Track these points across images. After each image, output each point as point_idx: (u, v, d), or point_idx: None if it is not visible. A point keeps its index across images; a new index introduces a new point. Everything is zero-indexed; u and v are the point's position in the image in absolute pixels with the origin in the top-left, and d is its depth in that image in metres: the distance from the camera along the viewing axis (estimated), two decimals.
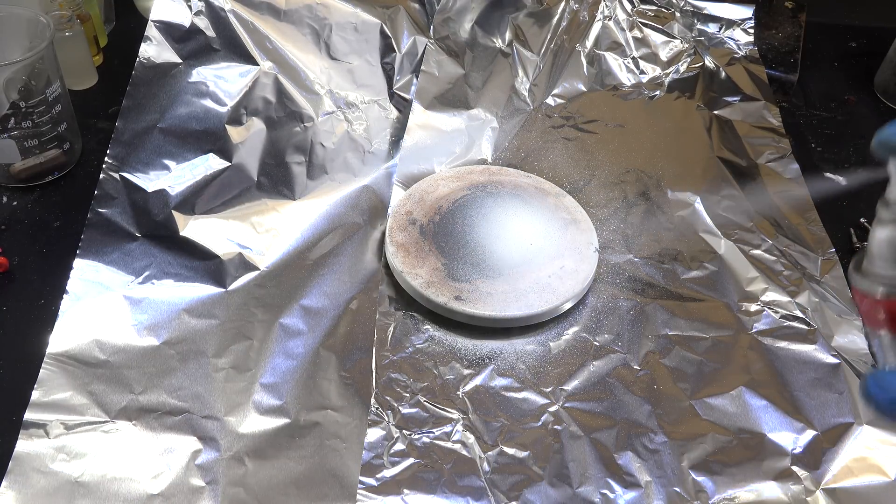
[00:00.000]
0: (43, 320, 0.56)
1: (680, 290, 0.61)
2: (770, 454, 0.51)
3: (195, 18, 0.72)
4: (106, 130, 0.68)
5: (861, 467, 0.51)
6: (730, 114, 0.76)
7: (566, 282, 0.59)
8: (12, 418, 0.50)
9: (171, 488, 0.48)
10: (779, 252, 0.64)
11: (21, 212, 0.64)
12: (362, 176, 0.68)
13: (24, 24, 0.63)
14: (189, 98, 0.69)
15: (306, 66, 0.73)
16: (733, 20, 0.83)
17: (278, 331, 0.56)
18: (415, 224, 0.63)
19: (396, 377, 0.54)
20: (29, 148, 0.64)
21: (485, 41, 0.78)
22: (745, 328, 0.59)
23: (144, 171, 0.64)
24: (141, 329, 0.55)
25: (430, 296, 0.57)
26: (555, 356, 0.57)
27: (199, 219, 0.63)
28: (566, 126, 0.75)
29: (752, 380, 0.55)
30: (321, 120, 0.71)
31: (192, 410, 0.51)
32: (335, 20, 0.75)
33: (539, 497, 0.49)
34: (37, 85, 0.62)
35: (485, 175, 0.68)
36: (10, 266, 0.60)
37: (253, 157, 0.68)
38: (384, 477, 0.49)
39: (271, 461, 0.50)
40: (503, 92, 0.76)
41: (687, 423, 0.53)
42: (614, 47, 0.81)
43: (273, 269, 0.60)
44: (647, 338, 0.58)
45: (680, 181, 0.70)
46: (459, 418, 0.52)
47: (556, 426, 0.52)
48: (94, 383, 0.52)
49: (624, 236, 0.65)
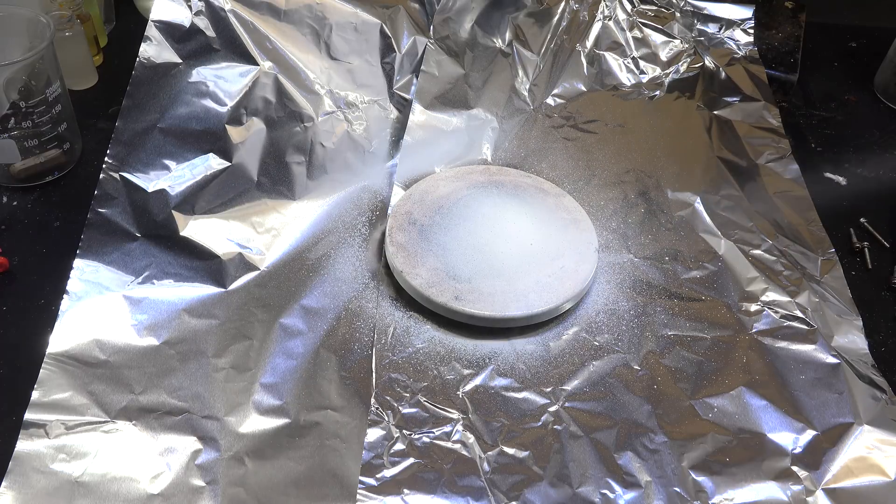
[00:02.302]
0: (43, 320, 0.56)
1: (680, 290, 0.61)
2: (770, 454, 0.51)
3: (195, 18, 0.72)
4: (106, 130, 0.68)
5: (861, 467, 0.51)
6: (730, 114, 0.76)
7: (566, 282, 0.59)
8: (12, 418, 0.50)
9: (171, 488, 0.48)
10: (779, 252, 0.64)
11: (21, 212, 0.64)
12: (362, 176, 0.68)
13: (24, 24, 0.63)
14: (189, 98, 0.69)
15: (306, 66, 0.73)
16: (733, 20, 0.83)
17: (278, 331, 0.56)
18: (415, 224, 0.63)
19: (396, 377, 0.54)
20: (29, 148, 0.64)
21: (485, 41, 0.78)
22: (745, 328, 0.59)
23: (144, 171, 0.64)
24: (141, 329, 0.55)
25: (431, 296, 0.57)
26: (555, 356, 0.57)
27: (199, 219, 0.63)
28: (566, 126, 0.75)
29: (752, 380, 0.55)
30: (321, 120, 0.71)
31: (192, 410, 0.51)
32: (335, 20, 0.75)
33: (539, 497, 0.49)
34: (37, 85, 0.62)
35: (485, 175, 0.68)
36: (10, 266, 0.60)
37: (253, 157, 0.68)
38: (384, 477, 0.49)
39: (271, 461, 0.50)
40: (503, 92, 0.76)
41: (687, 423, 0.53)
42: (614, 47, 0.81)
43: (273, 269, 0.60)
44: (647, 338, 0.58)
45: (680, 181, 0.70)
46: (459, 418, 0.52)
47: (556, 426, 0.52)
48: (94, 383, 0.52)
49: (624, 236, 0.65)
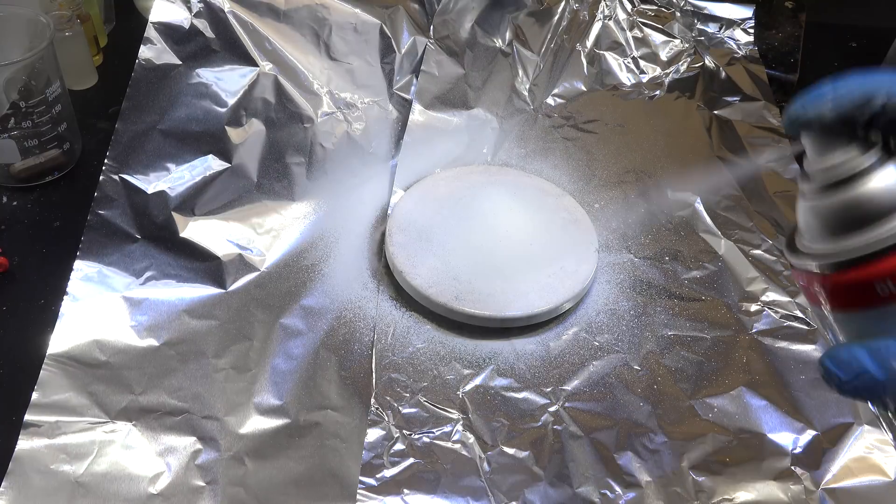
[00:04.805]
0: (43, 320, 0.55)
1: (680, 290, 0.61)
2: (770, 454, 0.51)
3: (194, 20, 0.72)
4: (106, 130, 0.68)
5: (861, 467, 0.51)
6: (730, 114, 0.76)
7: (566, 282, 0.59)
8: (12, 418, 0.50)
9: (171, 488, 0.48)
10: (779, 252, 0.64)
11: (21, 212, 0.64)
12: (362, 176, 0.68)
13: (24, 24, 0.63)
14: (189, 99, 0.69)
15: (306, 67, 0.73)
16: (733, 20, 0.83)
17: (278, 331, 0.56)
18: (415, 224, 0.62)
19: (396, 377, 0.54)
20: (29, 148, 0.64)
21: (485, 41, 0.78)
22: (745, 328, 0.59)
23: (144, 172, 0.64)
24: (141, 330, 0.55)
25: (431, 296, 0.57)
26: (555, 356, 0.57)
27: (199, 220, 0.63)
28: (566, 126, 0.75)
29: (752, 380, 0.55)
30: (321, 121, 0.71)
31: (192, 411, 0.51)
32: (335, 21, 0.75)
33: (539, 497, 0.49)
34: (37, 85, 0.62)
35: (485, 175, 0.68)
36: (10, 266, 0.60)
37: (253, 158, 0.68)
38: (384, 477, 0.49)
39: (271, 461, 0.50)
40: (503, 92, 0.76)
41: (687, 423, 0.53)
42: (614, 47, 0.81)
43: (273, 269, 0.60)
44: (647, 338, 0.58)
45: (680, 181, 0.70)
46: (459, 418, 0.52)
47: (556, 426, 0.52)
48: (94, 384, 0.52)
49: (624, 236, 0.65)
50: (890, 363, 0.28)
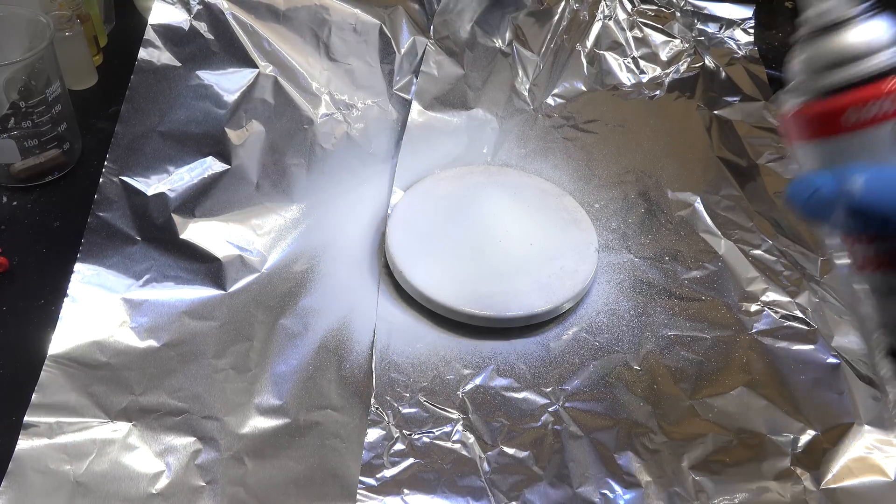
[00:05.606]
0: (43, 321, 0.56)
1: (680, 290, 0.61)
2: (770, 454, 0.51)
3: (194, 21, 0.72)
4: (106, 130, 0.68)
5: (861, 467, 0.51)
6: (730, 114, 0.76)
7: (566, 282, 0.59)
8: (12, 418, 0.50)
9: (171, 488, 0.48)
10: (779, 252, 0.64)
11: (21, 212, 0.64)
12: (362, 177, 0.68)
13: (24, 24, 0.63)
14: (188, 101, 0.69)
15: (305, 68, 0.73)
16: (733, 20, 0.83)
17: (278, 331, 0.56)
18: (415, 224, 0.62)
19: (396, 377, 0.54)
20: (29, 148, 0.64)
21: (485, 41, 0.78)
22: (745, 328, 0.59)
23: (144, 174, 0.64)
24: (141, 331, 0.55)
25: (431, 296, 0.57)
26: (555, 356, 0.57)
27: (198, 222, 0.63)
28: (566, 126, 0.75)
29: (752, 380, 0.55)
30: (321, 121, 0.71)
31: (191, 411, 0.51)
32: (334, 21, 0.75)
33: (539, 497, 0.49)
34: (37, 85, 0.62)
35: (485, 175, 0.68)
36: (10, 266, 0.60)
37: (252, 159, 0.67)
38: (384, 477, 0.49)
39: (271, 461, 0.50)
40: (503, 92, 0.76)
41: (687, 423, 0.53)
42: (614, 47, 0.81)
43: (273, 270, 0.60)
44: (647, 338, 0.58)
45: (680, 181, 0.70)
46: (459, 418, 0.52)
47: (556, 426, 0.52)
48: (94, 385, 0.52)
49: (624, 236, 0.65)
50: (840, 183, 0.32)
